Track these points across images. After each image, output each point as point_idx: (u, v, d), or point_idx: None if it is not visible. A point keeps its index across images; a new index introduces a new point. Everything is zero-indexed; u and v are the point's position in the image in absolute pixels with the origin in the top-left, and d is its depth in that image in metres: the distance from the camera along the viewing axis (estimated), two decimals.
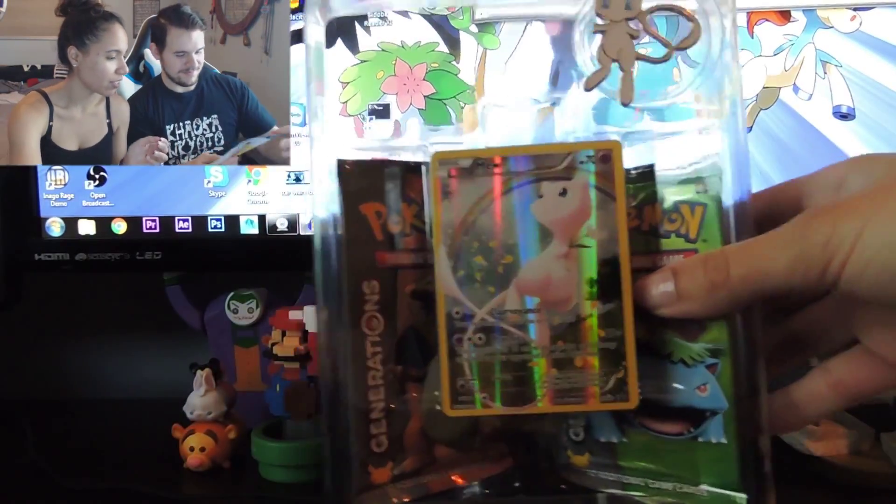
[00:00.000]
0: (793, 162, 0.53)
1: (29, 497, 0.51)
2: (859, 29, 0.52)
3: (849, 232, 0.27)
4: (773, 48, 0.53)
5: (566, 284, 0.31)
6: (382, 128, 0.35)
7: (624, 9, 0.32)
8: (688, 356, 0.32)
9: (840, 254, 0.27)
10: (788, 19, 0.53)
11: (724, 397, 0.32)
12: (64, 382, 0.81)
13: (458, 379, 0.31)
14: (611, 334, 0.31)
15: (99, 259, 0.60)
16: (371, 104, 0.35)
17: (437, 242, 0.31)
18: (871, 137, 0.53)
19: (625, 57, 0.32)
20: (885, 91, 0.53)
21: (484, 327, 0.31)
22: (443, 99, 0.34)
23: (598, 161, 0.31)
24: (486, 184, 0.31)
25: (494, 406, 0.31)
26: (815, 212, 0.29)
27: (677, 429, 0.33)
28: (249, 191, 0.60)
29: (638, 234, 0.32)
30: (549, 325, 0.31)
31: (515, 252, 0.31)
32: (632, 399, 0.31)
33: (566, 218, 0.31)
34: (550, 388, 0.31)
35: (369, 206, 0.34)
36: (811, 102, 0.53)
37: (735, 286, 0.29)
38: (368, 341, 0.33)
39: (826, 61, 0.53)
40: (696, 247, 0.32)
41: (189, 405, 0.55)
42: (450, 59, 0.34)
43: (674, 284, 0.30)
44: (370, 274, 0.34)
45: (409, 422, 0.34)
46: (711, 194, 0.32)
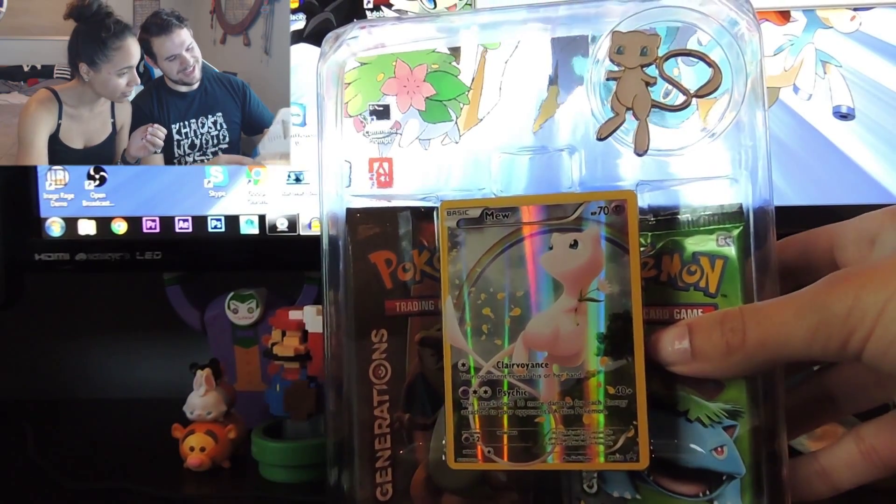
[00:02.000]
0: (793, 162, 0.53)
1: (29, 497, 0.51)
2: (859, 29, 0.52)
3: (872, 305, 0.25)
4: (773, 48, 0.53)
5: (575, 339, 0.30)
6: (382, 125, 0.35)
7: (639, 55, 0.30)
8: (705, 416, 0.31)
9: (862, 328, 0.25)
10: (788, 19, 0.53)
11: (741, 462, 0.30)
12: (64, 382, 0.81)
13: (462, 431, 0.31)
14: (621, 392, 0.30)
15: (99, 259, 0.60)
16: (371, 105, 0.35)
17: (444, 294, 0.31)
18: (870, 137, 0.53)
19: (640, 105, 0.31)
20: (885, 91, 0.53)
21: (490, 380, 0.31)
22: (443, 100, 0.34)
23: (611, 212, 0.30)
24: (494, 234, 0.31)
25: (499, 461, 0.31)
26: (839, 277, 0.27)
27: (692, 490, 0.31)
28: (249, 191, 0.60)
29: (656, 284, 0.31)
30: (558, 381, 0.30)
31: (524, 304, 0.30)
32: (642, 459, 0.30)
33: (576, 271, 0.30)
34: (558, 445, 0.30)
35: (379, 254, 0.33)
36: (811, 102, 0.53)
37: (751, 351, 0.27)
38: (375, 389, 0.33)
39: (826, 61, 0.53)
40: (716, 301, 0.30)
41: (189, 405, 0.55)
42: (450, 60, 0.34)
43: (689, 342, 0.29)
44: (378, 323, 0.33)
45: (416, 470, 0.34)
46: (733, 247, 0.30)
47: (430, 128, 0.35)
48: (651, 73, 0.31)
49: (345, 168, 0.35)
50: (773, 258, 0.30)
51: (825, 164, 0.53)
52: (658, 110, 0.31)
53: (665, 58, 0.31)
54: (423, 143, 0.35)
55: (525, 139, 0.35)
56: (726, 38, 0.31)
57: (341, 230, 0.34)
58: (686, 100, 0.30)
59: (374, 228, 0.34)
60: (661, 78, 0.31)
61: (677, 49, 0.31)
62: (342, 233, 0.34)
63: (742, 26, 0.30)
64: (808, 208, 0.53)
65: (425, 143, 0.35)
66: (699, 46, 0.31)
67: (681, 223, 0.32)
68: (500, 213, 0.31)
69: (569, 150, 0.33)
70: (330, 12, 0.57)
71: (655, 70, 0.31)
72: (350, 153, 0.35)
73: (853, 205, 0.53)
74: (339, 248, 0.34)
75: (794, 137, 0.53)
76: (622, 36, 0.31)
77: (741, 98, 0.31)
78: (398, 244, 0.34)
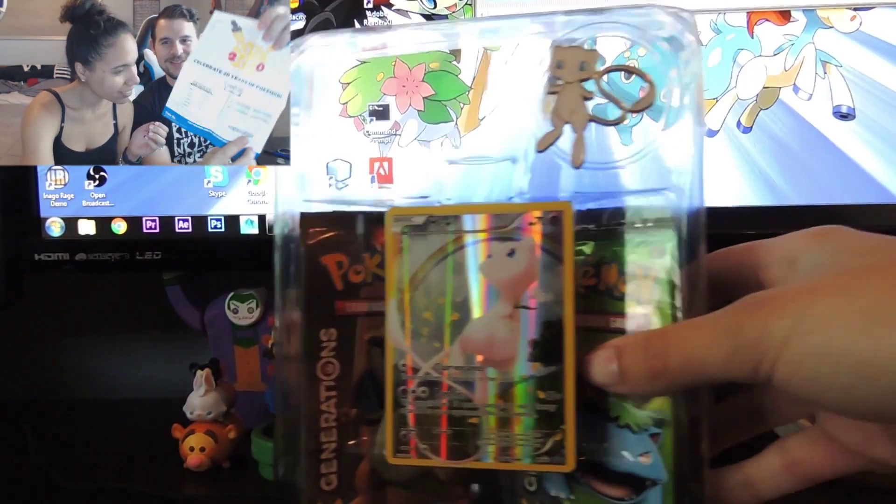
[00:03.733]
0: (793, 162, 0.53)
1: (29, 497, 0.51)
2: (859, 29, 0.52)
3: (778, 334, 0.26)
4: (773, 48, 0.53)
5: (510, 345, 0.31)
6: (382, 126, 0.35)
7: (578, 70, 0.31)
8: (634, 422, 0.32)
9: (770, 356, 0.26)
10: (788, 19, 0.53)
11: (664, 469, 0.32)
12: (64, 382, 0.81)
13: (401, 429, 0.32)
14: (551, 397, 0.31)
15: (99, 259, 0.60)
16: (371, 105, 0.35)
17: (388, 296, 0.32)
18: (871, 137, 0.53)
19: (577, 119, 0.31)
20: (885, 91, 0.53)
21: (428, 381, 0.32)
22: (442, 100, 0.34)
23: (548, 223, 0.31)
24: (437, 241, 0.32)
25: (435, 458, 0.32)
26: (752, 303, 0.28)
27: (620, 493, 0.33)
28: (249, 191, 0.60)
29: (595, 293, 0.33)
30: (492, 384, 0.31)
31: (462, 310, 0.31)
32: (569, 462, 0.31)
33: (513, 279, 0.31)
34: (491, 445, 0.31)
35: (331, 257, 0.34)
36: (811, 102, 0.53)
37: (674, 376, 0.28)
38: (323, 385, 0.34)
39: (826, 61, 0.53)
40: (649, 313, 0.32)
41: (189, 405, 0.55)
42: (450, 60, 0.34)
43: (617, 365, 0.30)
44: (328, 322, 0.34)
45: (361, 463, 0.35)
46: (666, 260, 0.31)
47: (429, 128, 0.35)
48: (589, 88, 0.31)
49: (304, 171, 0.36)
50: (702, 273, 0.31)
51: (825, 164, 0.53)
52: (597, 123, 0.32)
53: (603, 73, 0.31)
54: (422, 144, 0.35)
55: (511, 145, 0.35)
56: (666, 53, 0.31)
57: (295, 233, 0.35)
58: (622, 115, 0.31)
59: (327, 232, 0.35)
60: (599, 92, 0.31)
61: (615, 65, 0.31)
62: (296, 236, 0.35)
63: (683, 41, 0.31)
64: (808, 208, 0.53)
65: (425, 143, 0.35)
66: (639, 59, 0.32)
67: (620, 234, 0.32)
68: (442, 221, 0.32)
69: (512, 160, 0.34)
70: (330, 12, 0.57)
71: (594, 85, 0.31)
72: (349, 153, 0.35)
73: (853, 205, 0.53)
74: (292, 251, 0.35)
75: (794, 137, 0.53)
76: (562, 50, 0.32)
77: (678, 113, 0.31)
78: (350, 247, 0.35)
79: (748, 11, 0.53)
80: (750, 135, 0.53)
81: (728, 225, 0.53)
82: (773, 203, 0.53)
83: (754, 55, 0.53)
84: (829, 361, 0.25)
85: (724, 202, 0.53)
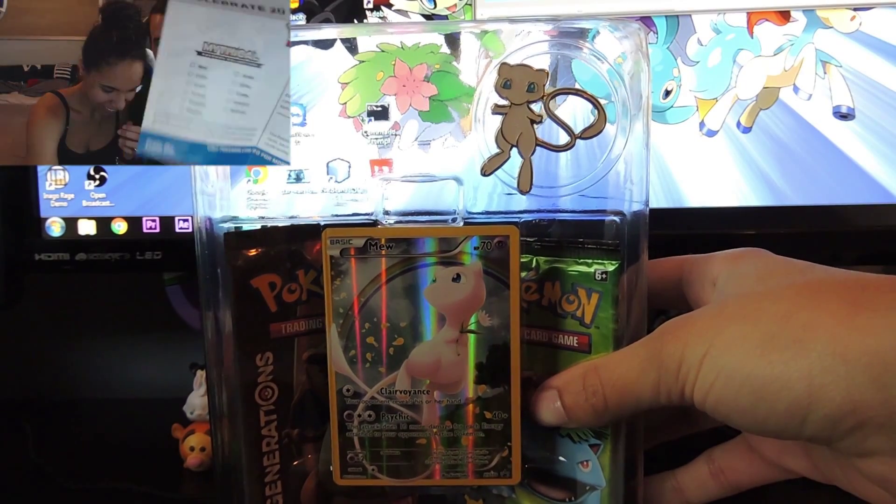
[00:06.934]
0: (793, 162, 0.53)
1: (29, 497, 0.51)
2: (859, 29, 0.52)
3: (693, 360, 0.27)
4: (773, 48, 0.53)
5: (456, 368, 0.31)
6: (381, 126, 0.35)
7: (525, 91, 0.30)
8: (575, 433, 0.33)
9: (689, 381, 0.28)
10: (788, 19, 0.53)
11: (602, 476, 0.33)
12: (64, 382, 0.81)
13: (347, 451, 0.32)
14: (497, 416, 0.31)
15: (99, 259, 0.60)
16: (370, 105, 0.34)
17: (328, 322, 0.31)
18: (871, 137, 0.53)
19: (524, 143, 0.30)
20: (885, 91, 0.53)
21: (374, 406, 0.32)
22: (444, 100, 0.34)
23: (494, 247, 0.30)
24: (378, 265, 0.31)
25: (382, 478, 0.32)
26: (670, 330, 0.29)
27: (560, 496, 0.34)
28: (249, 190, 0.59)
29: (538, 308, 0.33)
30: (439, 406, 0.31)
31: (407, 334, 0.31)
32: (514, 476, 0.32)
33: (458, 304, 0.31)
34: (438, 463, 0.32)
35: (262, 278, 0.33)
36: (811, 102, 0.53)
37: (615, 410, 0.30)
38: (262, 410, 0.33)
39: (826, 61, 0.53)
40: (590, 332, 0.32)
41: (189, 405, 0.55)
42: (450, 60, 0.34)
43: (561, 404, 0.31)
44: (263, 347, 0.33)
45: (306, 480, 0.34)
46: (608, 282, 0.32)
47: (430, 128, 0.34)
48: (537, 111, 0.30)
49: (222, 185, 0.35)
50: (643, 293, 0.32)
51: (825, 164, 0.53)
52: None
53: (552, 95, 0.30)
54: (422, 146, 0.35)
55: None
56: (614, 75, 0.30)
57: (219, 253, 0.33)
58: (570, 140, 0.30)
59: (255, 251, 0.33)
60: (547, 116, 0.30)
61: (564, 87, 0.30)
62: (220, 258, 0.33)
63: (631, 62, 0.31)
64: (808, 208, 0.53)
65: (425, 145, 0.35)
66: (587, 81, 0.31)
67: (565, 251, 0.32)
68: (384, 245, 0.31)
69: (457, 180, 0.33)
70: (330, 12, 0.57)
71: (542, 107, 0.30)
72: (349, 153, 0.35)
73: (853, 205, 0.53)
74: (218, 272, 0.33)
75: (794, 137, 0.53)
76: (510, 69, 0.30)
77: (626, 138, 0.31)
78: (281, 266, 0.33)
79: (748, 11, 0.53)
80: (750, 135, 0.53)
81: (728, 225, 0.53)
82: (773, 203, 0.53)
83: (754, 55, 0.53)
84: (734, 385, 0.26)
85: (723, 202, 0.53)
